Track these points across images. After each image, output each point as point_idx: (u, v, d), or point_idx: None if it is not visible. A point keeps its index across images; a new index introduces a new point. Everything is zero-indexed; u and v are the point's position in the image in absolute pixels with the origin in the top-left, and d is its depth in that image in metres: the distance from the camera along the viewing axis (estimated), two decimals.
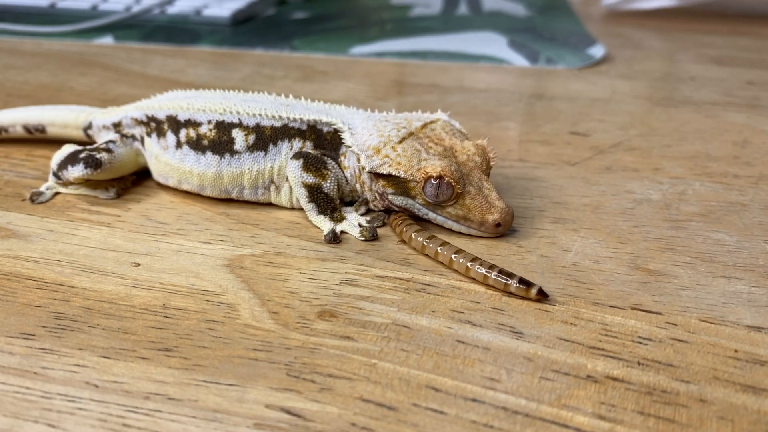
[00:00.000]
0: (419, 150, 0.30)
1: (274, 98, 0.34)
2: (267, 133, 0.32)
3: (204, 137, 0.32)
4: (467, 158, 0.30)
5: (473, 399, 0.21)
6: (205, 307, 0.26)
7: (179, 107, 0.33)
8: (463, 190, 0.29)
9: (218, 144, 0.32)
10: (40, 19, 0.68)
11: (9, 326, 0.24)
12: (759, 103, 0.48)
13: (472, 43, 0.64)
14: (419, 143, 0.30)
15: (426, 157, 0.29)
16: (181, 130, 0.33)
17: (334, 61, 0.59)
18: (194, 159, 0.32)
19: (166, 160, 0.33)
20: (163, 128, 0.33)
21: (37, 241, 0.30)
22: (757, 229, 0.31)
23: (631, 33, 0.69)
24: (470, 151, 0.30)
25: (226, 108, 0.32)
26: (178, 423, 0.20)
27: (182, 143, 0.33)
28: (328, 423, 0.20)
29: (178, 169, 0.33)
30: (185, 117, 0.33)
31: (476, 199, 0.29)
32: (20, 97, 0.48)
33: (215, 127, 0.32)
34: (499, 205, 0.29)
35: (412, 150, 0.30)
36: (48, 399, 0.21)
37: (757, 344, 0.23)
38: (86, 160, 0.33)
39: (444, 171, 0.29)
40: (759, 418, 0.20)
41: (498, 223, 0.29)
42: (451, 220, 0.30)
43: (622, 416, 0.20)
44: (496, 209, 0.29)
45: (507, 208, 0.29)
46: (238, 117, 0.32)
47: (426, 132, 0.31)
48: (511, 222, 0.30)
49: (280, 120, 0.32)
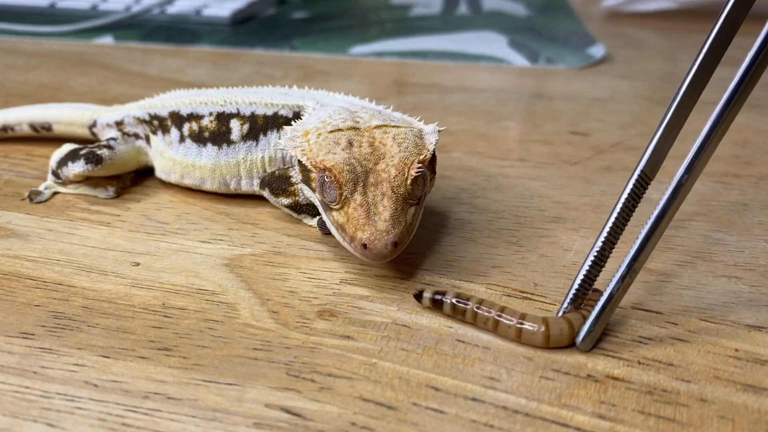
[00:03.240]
0: (338, 144, 0.27)
1: (277, 88, 0.34)
2: (259, 123, 0.31)
3: (205, 129, 0.32)
4: (383, 168, 0.26)
5: (473, 398, 0.21)
6: (204, 306, 0.25)
7: (182, 103, 0.33)
8: (349, 196, 0.26)
9: (217, 135, 0.32)
10: (39, 19, 0.68)
11: (8, 325, 0.24)
12: (759, 102, 0.48)
13: (472, 43, 0.63)
14: (349, 139, 0.27)
15: (336, 150, 0.26)
16: (184, 124, 0.33)
17: (334, 61, 0.59)
18: (196, 152, 0.32)
19: (170, 156, 0.33)
20: (167, 125, 0.34)
21: (36, 241, 0.30)
22: (757, 229, 0.31)
23: (632, 33, 0.69)
24: (392, 161, 0.26)
25: (227, 99, 0.32)
26: (178, 422, 0.20)
27: (185, 137, 0.33)
28: (327, 422, 0.20)
29: (181, 164, 0.33)
30: (188, 111, 0.33)
31: (358, 210, 0.25)
32: (20, 97, 0.48)
33: (216, 118, 0.32)
34: (378, 227, 0.25)
35: (332, 141, 0.27)
36: (47, 398, 0.21)
37: (757, 343, 0.23)
38: (87, 156, 0.33)
39: (335, 166, 0.26)
40: (759, 417, 0.20)
41: (365, 244, 0.25)
42: (334, 227, 0.26)
43: (622, 415, 0.20)
44: (369, 229, 0.25)
45: (382, 234, 0.25)
46: (236, 107, 0.32)
47: (374, 133, 0.27)
48: (386, 253, 0.25)
49: (272, 107, 0.31)
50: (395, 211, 0.25)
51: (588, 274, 0.24)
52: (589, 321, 0.23)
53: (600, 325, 0.23)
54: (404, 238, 0.25)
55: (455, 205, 0.33)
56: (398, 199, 0.26)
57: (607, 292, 0.23)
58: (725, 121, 0.22)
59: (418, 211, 0.27)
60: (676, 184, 0.23)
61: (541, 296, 0.26)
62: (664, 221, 0.23)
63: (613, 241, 0.24)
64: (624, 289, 0.23)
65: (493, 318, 0.23)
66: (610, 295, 0.23)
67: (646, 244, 0.23)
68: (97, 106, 0.39)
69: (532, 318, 0.23)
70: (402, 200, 0.26)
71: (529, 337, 0.23)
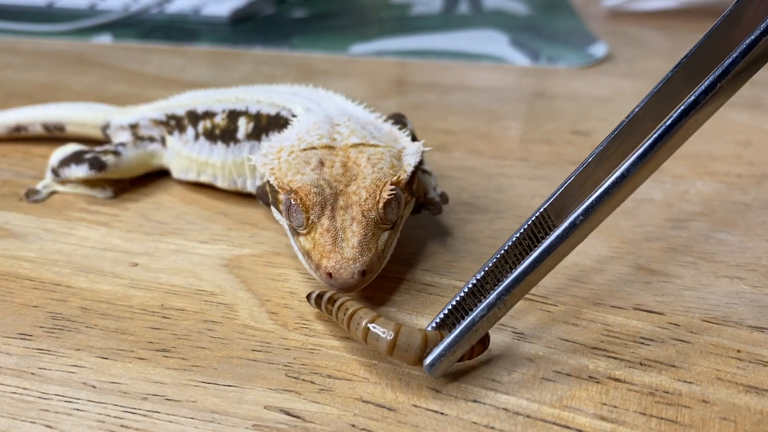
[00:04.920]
0: (309, 163, 0.25)
1: (287, 87, 0.33)
2: (263, 122, 0.31)
3: (217, 127, 0.32)
4: (354, 190, 0.24)
5: (474, 400, 0.21)
6: (203, 307, 0.25)
7: (199, 101, 0.34)
8: (316, 220, 0.24)
9: (226, 132, 0.32)
10: (38, 18, 0.68)
11: (6, 326, 0.24)
12: (761, 102, 0.48)
13: (472, 42, 0.63)
14: (321, 158, 0.25)
15: (305, 171, 0.25)
16: (199, 122, 0.33)
17: (333, 60, 0.59)
18: (208, 149, 0.33)
19: (186, 154, 0.33)
20: (184, 123, 0.34)
21: (34, 241, 0.30)
22: (759, 229, 0.31)
23: (633, 32, 0.69)
24: (364, 183, 0.24)
25: (239, 97, 0.32)
26: (176, 424, 0.20)
27: (199, 134, 0.33)
28: (327, 424, 0.20)
29: (196, 161, 0.33)
30: (203, 109, 0.33)
31: (324, 236, 0.24)
32: (19, 96, 0.48)
33: (227, 116, 0.32)
34: (344, 254, 0.23)
35: (302, 161, 0.25)
36: (45, 400, 0.21)
37: (759, 344, 0.23)
38: (92, 162, 0.33)
39: (301, 188, 0.24)
40: (762, 418, 0.20)
41: (330, 273, 0.23)
42: (300, 253, 0.25)
43: (624, 417, 0.20)
44: (335, 257, 0.23)
45: (348, 262, 0.23)
46: (246, 105, 0.32)
47: (349, 152, 0.26)
48: (353, 282, 0.23)
49: (275, 107, 0.31)
50: (364, 237, 0.24)
51: (462, 303, 0.21)
52: (441, 346, 0.20)
53: (454, 354, 0.20)
54: (374, 266, 0.24)
55: (456, 204, 0.33)
56: (369, 223, 0.24)
57: (469, 318, 0.20)
58: (636, 174, 0.20)
59: (392, 236, 0.25)
60: (569, 224, 0.20)
61: (543, 297, 0.26)
62: (549, 260, 0.20)
63: (499, 276, 0.22)
64: (490, 320, 0.20)
65: (347, 318, 0.22)
66: (471, 322, 0.20)
67: (524, 278, 0.20)
68: (110, 107, 0.39)
69: (384, 323, 0.21)
70: (373, 225, 0.24)
71: (374, 342, 0.21)
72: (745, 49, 0.19)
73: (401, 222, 0.26)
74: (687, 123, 0.20)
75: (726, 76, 0.19)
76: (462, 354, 0.21)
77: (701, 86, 0.20)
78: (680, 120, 0.20)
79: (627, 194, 0.20)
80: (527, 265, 0.20)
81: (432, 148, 0.36)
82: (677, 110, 0.20)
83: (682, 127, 0.20)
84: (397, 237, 0.26)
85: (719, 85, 0.19)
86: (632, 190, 0.21)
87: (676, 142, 0.20)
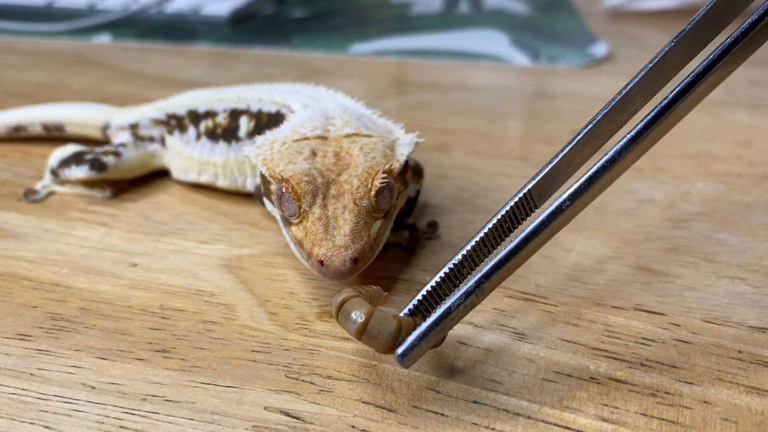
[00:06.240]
0: (301, 153, 0.25)
1: (291, 86, 0.33)
2: (263, 120, 0.31)
3: (218, 126, 0.32)
4: (346, 179, 0.24)
5: (474, 401, 0.21)
6: (202, 307, 0.25)
7: (200, 101, 0.34)
8: (308, 209, 0.24)
9: (228, 131, 0.32)
10: (37, 18, 0.68)
11: (5, 327, 0.24)
12: (762, 102, 0.48)
13: (473, 42, 0.63)
14: (313, 148, 0.25)
15: (296, 160, 0.25)
16: (201, 122, 0.33)
17: (333, 60, 0.59)
18: (210, 148, 0.33)
19: (188, 154, 0.33)
20: (185, 123, 0.34)
21: (33, 241, 0.30)
22: (760, 229, 0.31)
23: (634, 31, 0.69)
24: (356, 171, 0.24)
25: (241, 96, 0.32)
26: (176, 425, 0.20)
27: (201, 134, 0.33)
28: (327, 425, 0.20)
29: (198, 161, 0.33)
30: (205, 109, 0.33)
31: (316, 224, 0.23)
32: (18, 96, 0.48)
33: (229, 115, 0.32)
34: (336, 242, 0.23)
35: (295, 151, 0.25)
36: (44, 400, 0.21)
37: (761, 345, 0.23)
38: (92, 163, 0.33)
39: (293, 177, 0.24)
40: (763, 419, 0.20)
41: (321, 260, 0.23)
42: (292, 243, 0.25)
43: (625, 418, 0.20)
44: (326, 245, 0.23)
45: (340, 249, 0.23)
46: (247, 104, 0.32)
47: (342, 142, 0.26)
48: (344, 270, 0.23)
49: (276, 105, 0.31)
50: (356, 225, 0.23)
51: (437, 289, 0.21)
52: (415, 335, 0.19)
53: (427, 343, 0.19)
54: (366, 254, 0.23)
55: (456, 204, 0.33)
56: (360, 212, 0.24)
57: (445, 305, 0.19)
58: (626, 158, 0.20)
59: (385, 225, 0.25)
60: (554, 209, 0.20)
61: (543, 297, 0.26)
62: (531, 245, 0.19)
63: (476, 261, 0.21)
64: (466, 308, 0.19)
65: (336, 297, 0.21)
66: (447, 310, 0.19)
67: (505, 264, 0.19)
68: (110, 107, 0.38)
69: (359, 304, 0.20)
70: (365, 213, 0.24)
71: (344, 322, 0.20)
72: (747, 28, 0.19)
73: (394, 212, 0.26)
74: (681, 105, 0.19)
75: (726, 55, 0.19)
76: (434, 343, 0.20)
77: (699, 67, 0.19)
78: (675, 102, 0.19)
79: (615, 177, 0.20)
80: (508, 251, 0.19)
81: (431, 147, 0.36)
82: (673, 91, 0.19)
83: (676, 109, 0.19)
84: (390, 227, 0.26)
85: (717, 66, 0.19)
86: (621, 173, 0.20)
87: (670, 124, 0.19)
